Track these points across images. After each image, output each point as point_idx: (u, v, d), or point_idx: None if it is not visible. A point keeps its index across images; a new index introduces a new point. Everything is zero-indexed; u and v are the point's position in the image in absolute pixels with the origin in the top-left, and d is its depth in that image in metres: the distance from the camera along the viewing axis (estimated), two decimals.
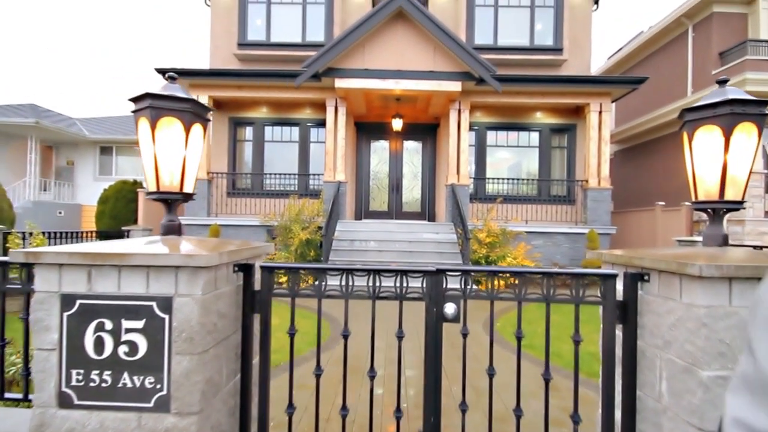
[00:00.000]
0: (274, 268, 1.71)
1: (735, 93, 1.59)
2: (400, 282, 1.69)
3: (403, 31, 8.51)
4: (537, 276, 1.78)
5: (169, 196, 1.67)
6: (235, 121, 10.37)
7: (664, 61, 11.98)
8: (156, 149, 1.61)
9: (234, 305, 1.67)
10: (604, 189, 9.00)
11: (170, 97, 1.62)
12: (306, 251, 8.11)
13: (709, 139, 1.64)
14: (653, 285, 1.59)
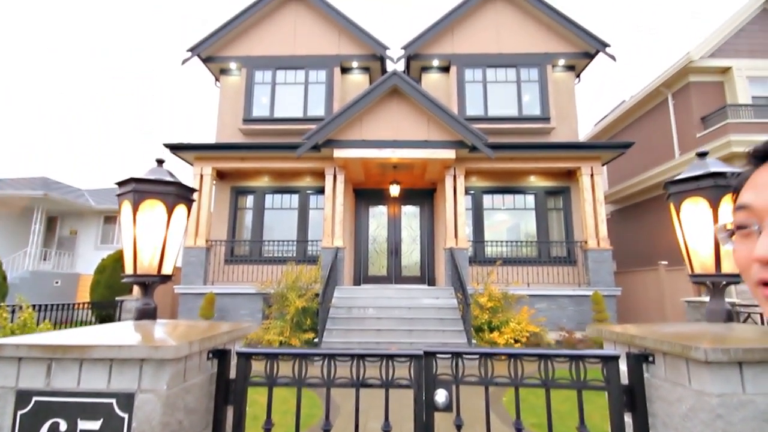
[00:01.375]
0: (251, 354, 1.60)
1: (716, 165, 1.61)
2: (386, 367, 1.57)
3: (398, 105, 9.04)
4: (533, 357, 1.66)
5: (146, 278, 1.62)
6: (237, 190, 10.62)
7: (649, 126, 12.55)
8: (136, 232, 1.59)
9: (205, 397, 1.54)
10: (604, 250, 8.91)
11: (154, 181, 1.64)
12: (302, 320, 7.83)
13: (697, 210, 1.62)
14: (659, 368, 1.47)
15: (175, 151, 9.42)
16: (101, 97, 60.22)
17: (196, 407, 1.47)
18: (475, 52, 10.81)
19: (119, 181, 1.66)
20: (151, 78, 63.61)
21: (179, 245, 1.73)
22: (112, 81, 61.45)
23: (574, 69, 10.99)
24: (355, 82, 11.18)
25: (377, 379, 1.57)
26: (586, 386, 1.61)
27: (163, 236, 1.64)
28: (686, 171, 1.68)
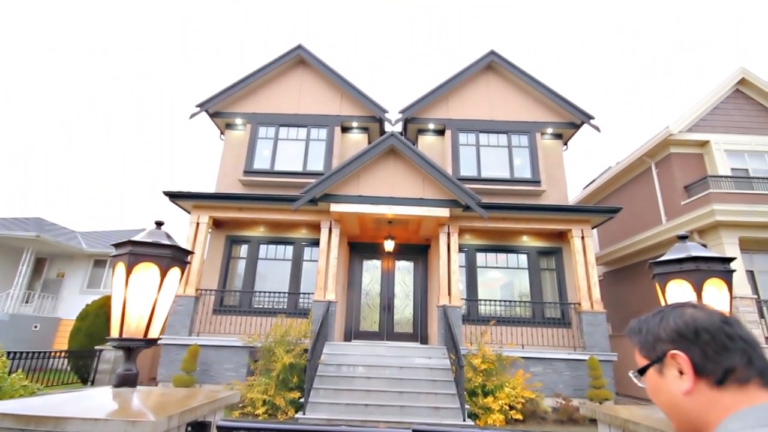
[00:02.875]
0: (231, 428, 1.55)
1: (697, 250, 1.69)
2: None
3: (395, 164, 9.37)
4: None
5: (131, 343, 1.60)
6: (232, 239, 10.62)
7: (635, 192, 13.00)
8: (127, 294, 1.60)
9: None
10: (597, 312, 8.83)
11: (151, 244, 1.68)
12: (288, 377, 7.49)
13: (681, 291, 1.68)
14: None
15: (173, 199, 9.54)
16: (110, 140, 61.93)
17: None
18: (468, 117, 11.44)
19: (116, 243, 1.70)
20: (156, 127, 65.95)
21: (167, 310, 1.73)
22: (118, 124, 63.51)
23: (561, 137, 11.59)
24: (354, 140, 11.66)
25: None
26: None
27: (154, 299, 1.64)
28: (669, 253, 1.75)
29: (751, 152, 11.44)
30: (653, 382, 0.78)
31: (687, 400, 0.70)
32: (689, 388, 0.70)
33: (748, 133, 11.57)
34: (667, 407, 0.75)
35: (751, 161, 11.40)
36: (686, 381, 0.70)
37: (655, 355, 0.78)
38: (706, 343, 0.70)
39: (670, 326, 0.76)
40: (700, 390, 0.69)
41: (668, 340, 0.75)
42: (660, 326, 0.78)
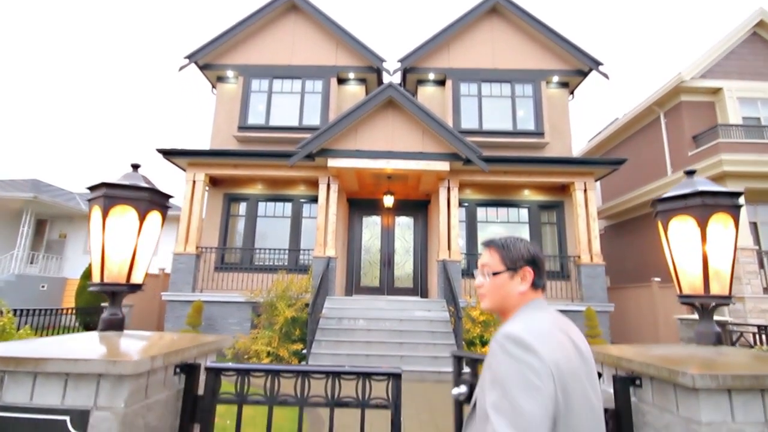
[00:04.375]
0: (220, 369, 1.52)
1: (704, 184, 1.58)
2: (362, 386, 1.50)
3: (393, 117, 9.05)
4: None
5: (113, 288, 1.54)
6: (230, 197, 10.54)
7: (641, 143, 12.68)
8: (105, 238, 1.52)
9: (170, 415, 1.45)
10: (597, 265, 8.89)
11: (126, 186, 1.58)
12: (291, 330, 7.69)
13: (685, 229, 1.58)
14: (647, 392, 1.41)
15: (167, 156, 9.35)
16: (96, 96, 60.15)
17: (159, 425, 1.38)
18: (470, 66, 10.92)
19: (90, 185, 1.60)
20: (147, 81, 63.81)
21: (150, 255, 1.66)
22: (107, 80, 61.41)
23: (567, 86, 11.11)
24: (351, 92, 11.22)
25: (353, 399, 1.50)
26: None
27: (134, 244, 1.57)
28: (674, 189, 1.64)
29: (765, 100, 11.01)
30: (501, 281, 1.15)
31: (517, 295, 1.11)
32: (525, 290, 1.12)
33: (763, 79, 11.06)
34: (500, 296, 1.15)
35: (764, 109, 11.00)
36: (525, 286, 1.12)
37: (514, 266, 1.14)
38: (540, 267, 1.14)
39: (529, 251, 1.16)
40: (529, 290, 1.12)
41: (526, 260, 1.14)
42: (524, 249, 1.16)
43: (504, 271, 1.14)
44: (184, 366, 1.51)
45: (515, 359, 0.90)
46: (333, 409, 1.49)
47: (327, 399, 1.48)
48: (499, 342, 0.95)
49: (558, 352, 0.92)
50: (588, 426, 0.91)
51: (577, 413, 0.90)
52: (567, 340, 0.97)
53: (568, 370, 0.91)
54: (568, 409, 0.88)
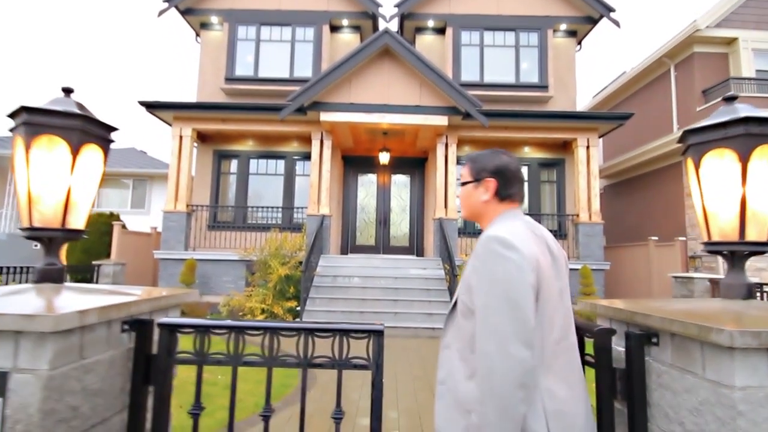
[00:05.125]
0: (176, 326, 1.32)
1: (748, 110, 1.31)
2: (339, 345, 1.32)
3: (390, 67, 8.52)
4: None
5: (46, 233, 1.31)
6: (220, 154, 10.15)
7: (648, 99, 12.16)
8: (30, 175, 1.27)
9: (118, 376, 1.27)
10: (595, 224, 8.74)
11: (53, 112, 1.30)
12: (285, 288, 7.63)
13: (721, 165, 1.34)
14: (664, 351, 1.23)
15: (151, 109, 8.86)
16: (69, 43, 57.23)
17: (103, 388, 1.20)
18: (472, 13, 10.17)
19: (10, 112, 1.32)
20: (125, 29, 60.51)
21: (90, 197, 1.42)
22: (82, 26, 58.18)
23: (575, 35, 10.44)
24: (344, 41, 10.53)
25: (328, 359, 1.31)
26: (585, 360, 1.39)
27: (67, 183, 1.32)
28: (710, 118, 1.38)
29: None
30: (468, 191, 1.21)
31: (481, 204, 1.17)
32: (487, 200, 1.17)
33: None
34: (468, 205, 1.22)
35: None
36: (487, 195, 1.17)
37: (479, 176, 1.18)
38: (506, 179, 1.16)
39: (495, 163, 1.17)
40: (493, 200, 1.16)
41: (490, 171, 1.16)
42: (489, 161, 1.17)
43: (470, 182, 1.20)
44: (134, 322, 1.31)
45: (501, 257, 0.98)
46: (306, 370, 1.31)
47: (299, 359, 1.30)
48: (484, 243, 1.03)
49: (532, 248, 1.02)
50: (555, 312, 1.03)
51: (547, 300, 1.01)
52: (541, 242, 1.08)
53: (544, 265, 1.02)
54: (542, 298, 1.00)
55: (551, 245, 1.11)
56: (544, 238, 1.10)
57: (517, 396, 0.89)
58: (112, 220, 9.47)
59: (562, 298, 1.06)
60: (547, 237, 1.12)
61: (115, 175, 14.50)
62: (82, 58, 57.26)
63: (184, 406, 1.69)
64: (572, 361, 1.07)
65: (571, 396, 1.00)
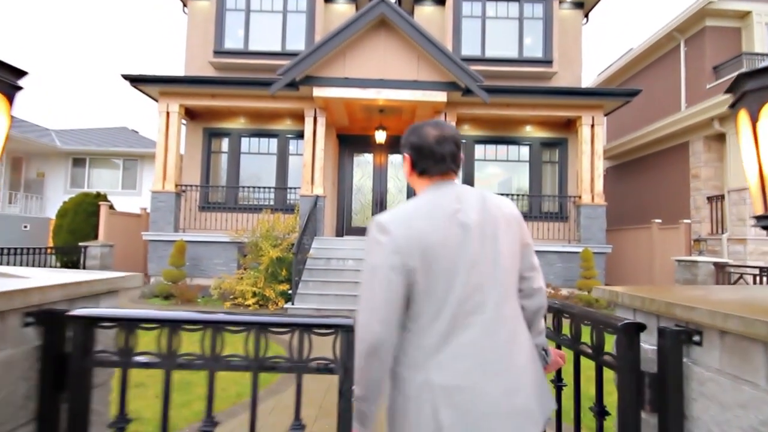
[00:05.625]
0: (95, 319, 1.06)
1: None
2: (299, 343, 1.05)
3: (386, 39, 8.07)
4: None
5: None
6: (210, 132, 9.78)
7: (655, 76, 11.71)
8: None
9: (21, 381, 1.01)
10: (598, 205, 8.47)
11: None
12: (277, 270, 7.41)
13: None
14: (710, 353, 0.97)
15: (136, 84, 8.45)
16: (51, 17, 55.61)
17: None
18: None
19: None
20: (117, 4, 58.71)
21: None
22: None
23: (582, 6, 9.92)
24: (339, 12, 10.01)
25: (285, 359, 1.05)
26: (603, 361, 1.14)
27: None
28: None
29: None
30: (404, 166, 1.22)
31: (408, 179, 1.20)
32: (407, 174, 1.19)
33: None
34: (409, 183, 1.22)
35: None
36: (407, 171, 1.18)
37: (402, 152, 1.20)
38: (420, 154, 1.13)
39: (411, 138, 1.16)
40: (413, 175, 1.16)
41: (408, 147, 1.17)
42: (408, 137, 1.18)
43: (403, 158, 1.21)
44: (42, 314, 1.04)
45: (374, 241, 1.02)
46: (257, 375, 1.05)
47: (248, 360, 1.04)
48: (369, 227, 1.07)
49: (417, 229, 1.00)
50: (451, 287, 0.99)
51: (438, 275, 0.99)
52: (446, 215, 1.03)
53: (439, 240, 1.00)
54: (431, 275, 0.99)
55: (469, 215, 1.04)
56: (457, 210, 1.04)
57: (369, 362, 0.96)
58: (99, 200, 9.16)
59: (475, 270, 1.01)
60: (469, 206, 1.06)
61: (105, 154, 14.12)
62: (72, 29, 55.66)
63: (160, 397, 1.44)
64: (489, 335, 1.00)
65: (474, 373, 0.96)
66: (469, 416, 0.93)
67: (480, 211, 1.05)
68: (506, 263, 1.04)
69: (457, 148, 1.13)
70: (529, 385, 1.00)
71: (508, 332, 1.02)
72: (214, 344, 1.03)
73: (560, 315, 1.52)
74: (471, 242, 1.01)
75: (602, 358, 1.22)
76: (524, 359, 1.02)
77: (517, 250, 1.10)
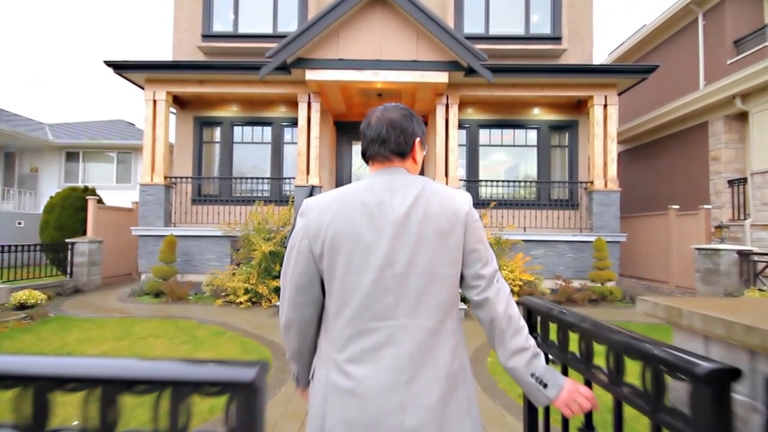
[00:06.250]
0: None
1: None
2: (173, 408, 0.62)
3: (383, 17, 7.54)
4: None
5: None
6: (201, 121, 9.35)
7: (671, 53, 11.03)
8: None
9: None
10: (611, 191, 7.95)
11: None
12: (271, 265, 7.02)
13: None
14: None
15: (119, 70, 8.02)
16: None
17: None
18: None
19: None
20: None
21: None
22: None
23: None
24: None
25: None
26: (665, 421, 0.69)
27: None
28: None
29: None
30: None
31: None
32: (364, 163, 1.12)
33: None
34: None
35: None
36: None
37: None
38: (364, 139, 1.07)
39: (362, 125, 1.10)
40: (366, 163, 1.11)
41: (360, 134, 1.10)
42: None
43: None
44: None
45: (296, 221, 1.04)
46: None
47: None
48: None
49: (330, 215, 0.95)
50: (355, 285, 0.92)
51: (340, 269, 0.93)
52: (360, 208, 0.95)
53: (343, 232, 0.93)
54: (333, 267, 0.94)
55: (394, 210, 0.95)
56: (381, 202, 0.96)
57: (286, 336, 1.04)
58: (88, 194, 8.80)
59: (388, 271, 0.92)
60: (399, 199, 0.96)
61: (99, 147, 13.78)
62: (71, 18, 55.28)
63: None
64: (394, 344, 0.90)
65: (369, 381, 0.89)
66: (353, 424, 0.88)
67: (411, 207, 0.95)
68: (432, 268, 0.93)
69: (392, 129, 1.02)
70: (431, 408, 0.89)
71: (418, 344, 0.91)
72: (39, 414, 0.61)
73: (569, 330, 1.08)
74: (385, 239, 0.92)
75: (662, 416, 0.79)
76: (431, 377, 0.90)
77: (457, 254, 0.97)
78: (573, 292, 7.12)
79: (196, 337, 4.76)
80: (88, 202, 8.43)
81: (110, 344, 4.45)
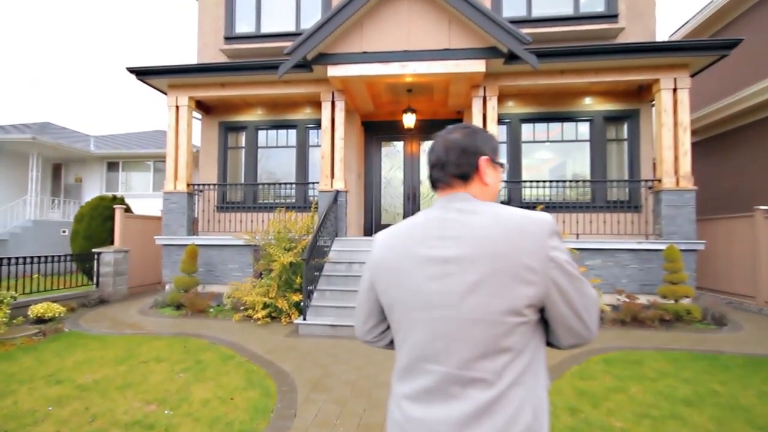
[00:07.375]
0: None
1: None
2: None
3: (410, 3, 6.84)
4: None
5: None
6: (226, 126, 9.07)
7: (751, 28, 9.43)
8: None
9: None
10: (684, 190, 6.72)
11: None
12: (291, 278, 6.48)
13: None
14: None
15: (142, 77, 7.85)
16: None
17: None
18: None
19: None
20: None
21: None
22: None
23: None
24: None
25: None
26: None
27: None
28: None
29: None
30: None
31: None
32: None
33: None
34: None
35: None
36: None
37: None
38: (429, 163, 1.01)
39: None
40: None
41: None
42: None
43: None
44: None
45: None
46: None
47: None
48: None
49: (388, 250, 0.95)
50: (412, 324, 0.88)
51: (394, 306, 0.92)
52: (410, 244, 0.91)
53: (394, 266, 0.92)
54: (389, 302, 0.94)
55: (445, 245, 0.86)
56: (430, 237, 0.89)
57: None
58: (115, 203, 8.74)
59: (436, 312, 0.84)
60: (449, 234, 0.87)
61: (136, 157, 14.06)
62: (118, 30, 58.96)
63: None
64: (444, 398, 0.83)
65: (419, 427, 0.84)
66: None
67: (460, 243, 0.85)
68: (481, 314, 0.80)
69: (451, 151, 0.94)
70: None
71: (473, 404, 0.79)
72: None
73: None
74: (428, 278, 0.86)
75: None
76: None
77: (521, 296, 0.80)
78: (640, 310, 5.99)
79: (201, 362, 4.24)
80: (115, 211, 8.33)
81: (107, 370, 4.02)
